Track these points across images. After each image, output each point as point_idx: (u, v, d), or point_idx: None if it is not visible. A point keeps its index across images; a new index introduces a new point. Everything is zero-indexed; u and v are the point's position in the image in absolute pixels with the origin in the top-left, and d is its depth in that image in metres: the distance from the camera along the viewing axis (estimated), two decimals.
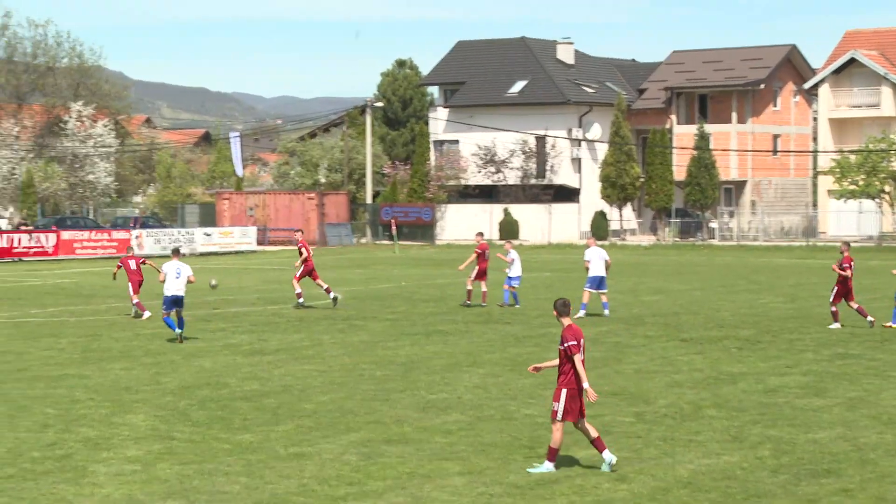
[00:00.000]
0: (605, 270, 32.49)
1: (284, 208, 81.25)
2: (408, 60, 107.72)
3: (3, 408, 18.32)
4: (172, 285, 26.57)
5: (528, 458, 15.02)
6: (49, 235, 62.49)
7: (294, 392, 19.94)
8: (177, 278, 26.64)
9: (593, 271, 32.30)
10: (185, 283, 26.80)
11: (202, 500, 13.09)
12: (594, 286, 32.35)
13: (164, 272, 26.79)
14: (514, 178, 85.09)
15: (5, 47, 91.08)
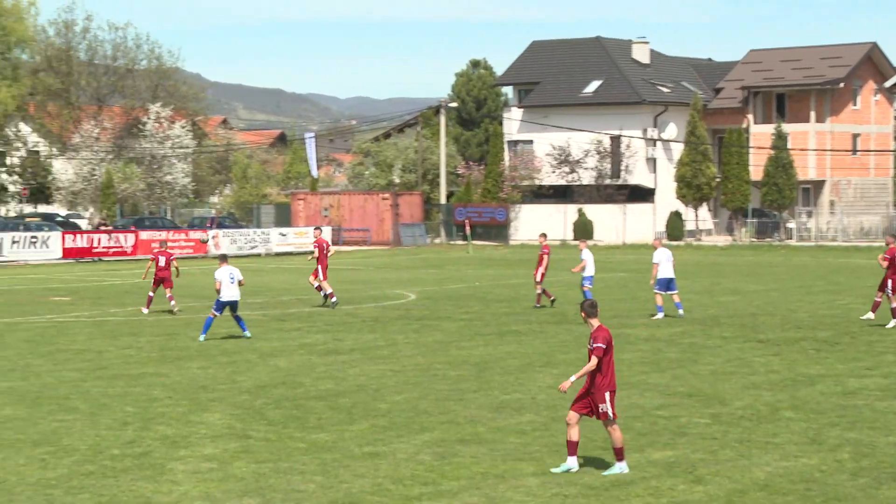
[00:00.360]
0: (673, 271, 32.22)
1: (359, 208, 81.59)
2: (482, 60, 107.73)
3: (85, 406, 18.58)
4: (228, 291, 26.90)
5: (603, 459, 14.94)
6: (128, 235, 63.29)
7: (368, 391, 20.01)
8: (231, 283, 26.97)
9: (662, 273, 32.01)
10: (238, 286, 27.15)
11: (277, 498, 13.17)
12: (664, 288, 32.09)
13: (220, 280, 26.96)
14: (589, 179, 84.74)
15: (86, 50, 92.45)
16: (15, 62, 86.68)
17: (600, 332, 14.37)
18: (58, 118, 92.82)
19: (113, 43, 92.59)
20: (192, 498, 13.13)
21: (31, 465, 14.61)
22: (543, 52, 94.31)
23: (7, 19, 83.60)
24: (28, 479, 13.89)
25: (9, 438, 16.09)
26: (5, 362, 23.37)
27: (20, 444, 15.73)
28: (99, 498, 13.11)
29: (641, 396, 19.53)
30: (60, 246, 59.77)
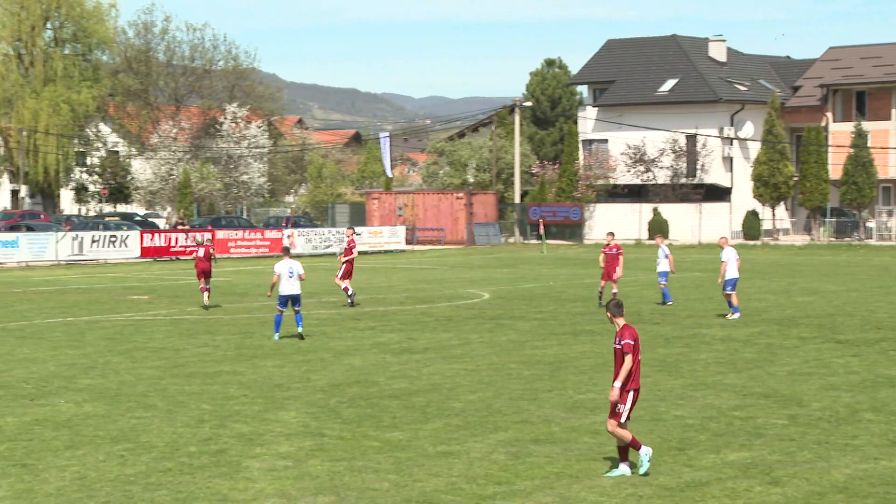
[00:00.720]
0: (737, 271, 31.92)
1: (433, 208, 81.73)
2: (557, 59, 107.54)
3: (162, 403, 18.79)
4: (287, 285, 26.64)
5: (678, 460, 14.83)
6: (204, 235, 63.91)
7: (442, 391, 20.03)
8: (290, 277, 26.66)
9: (731, 273, 31.69)
10: (298, 281, 26.83)
11: (352, 496, 13.23)
12: (734, 287, 31.80)
13: (277, 273, 26.73)
14: (664, 178, 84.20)
15: (165, 51, 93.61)
16: (95, 63, 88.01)
17: (627, 330, 14.22)
18: (137, 118, 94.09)
19: (191, 44, 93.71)
20: (267, 495, 13.22)
21: (110, 461, 14.81)
22: (619, 50, 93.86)
23: (88, 21, 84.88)
24: (107, 476, 14.08)
25: (89, 435, 16.32)
26: (85, 360, 23.71)
27: (100, 441, 15.94)
28: (176, 495, 13.24)
29: (717, 397, 19.37)
30: (139, 245, 60.53)
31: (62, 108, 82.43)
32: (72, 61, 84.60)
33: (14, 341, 26.70)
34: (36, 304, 36.30)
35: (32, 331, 28.91)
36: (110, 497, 13.13)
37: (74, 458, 14.91)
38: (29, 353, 24.62)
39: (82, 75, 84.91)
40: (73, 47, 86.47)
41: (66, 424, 17.04)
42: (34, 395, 19.45)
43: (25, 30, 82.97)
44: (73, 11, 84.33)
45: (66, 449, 15.46)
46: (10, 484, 13.65)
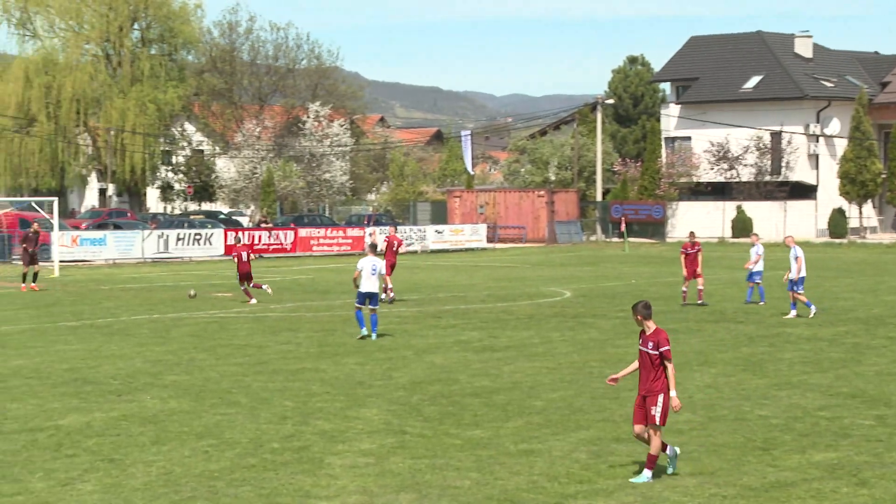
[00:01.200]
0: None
1: (514, 206, 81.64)
2: (639, 57, 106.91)
3: (246, 400, 18.96)
4: (368, 282, 26.32)
5: (762, 460, 14.68)
6: (287, 233, 64.44)
7: (524, 389, 20.00)
8: (372, 274, 26.32)
9: (803, 271, 31.27)
10: (378, 280, 26.52)
11: (434, 494, 13.25)
12: (801, 285, 31.37)
13: (360, 268, 26.46)
14: (748, 175, 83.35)
15: (249, 50, 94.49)
16: (181, 63, 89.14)
17: (662, 334, 13.85)
18: (221, 118, 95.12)
19: (274, 43, 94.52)
20: (349, 492, 13.29)
21: (195, 456, 14.98)
22: (702, 47, 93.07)
23: (175, 21, 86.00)
24: (193, 471, 14.24)
25: (174, 431, 16.52)
26: (171, 356, 24.00)
27: (185, 437, 16.13)
28: (260, 490, 13.36)
29: (803, 397, 19.13)
30: (223, 243, 61.16)
31: (149, 107, 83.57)
32: (158, 61, 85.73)
33: (102, 338, 27.12)
34: (123, 301, 36.83)
35: (119, 327, 29.34)
36: (195, 492, 13.28)
37: (160, 454, 15.11)
38: (116, 350, 24.98)
39: (168, 75, 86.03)
40: (159, 47, 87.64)
41: (153, 420, 17.26)
42: (121, 391, 19.74)
43: (113, 31, 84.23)
44: (159, 12, 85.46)
45: (153, 444, 15.66)
46: (99, 478, 13.86)
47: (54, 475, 14.00)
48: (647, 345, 13.88)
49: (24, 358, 23.76)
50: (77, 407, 18.31)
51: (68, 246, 55.41)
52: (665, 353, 13.78)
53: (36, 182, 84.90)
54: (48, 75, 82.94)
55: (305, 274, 49.89)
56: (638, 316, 13.97)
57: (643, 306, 14.01)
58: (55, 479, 13.80)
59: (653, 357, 13.84)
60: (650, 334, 13.90)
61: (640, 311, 13.97)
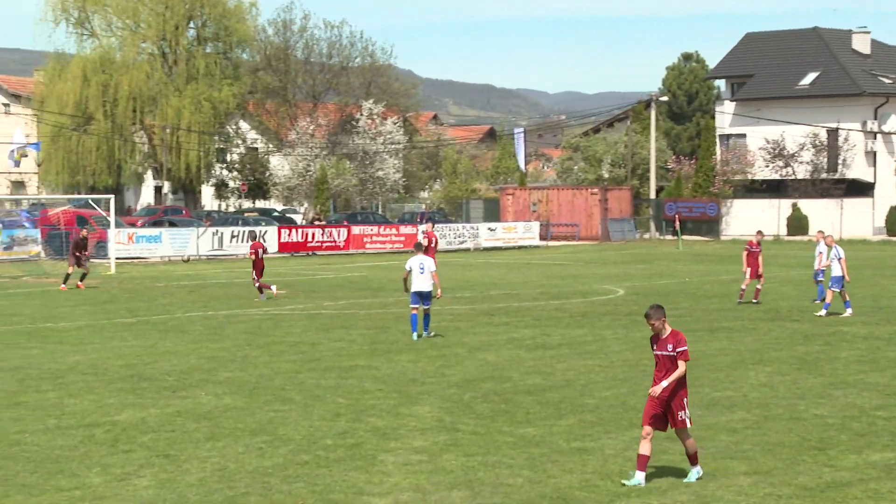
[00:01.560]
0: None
1: (567, 203, 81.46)
2: (694, 54, 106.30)
3: (299, 396, 19.04)
4: (418, 280, 25.92)
5: (818, 460, 14.55)
6: (340, 230, 64.66)
7: (576, 387, 19.95)
8: (421, 273, 25.95)
9: (836, 270, 30.96)
10: (429, 278, 26.10)
11: (486, 491, 13.25)
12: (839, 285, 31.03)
13: (409, 268, 26.08)
14: (804, 173, 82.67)
15: (303, 49, 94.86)
16: (236, 61, 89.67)
17: (680, 335, 13.48)
18: (275, 115, 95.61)
19: (328, 41, 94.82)
20: (402, 489, 13.32)
21: (249, 453, 15.06)
22: (758, 43, 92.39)
23: (230, 20, 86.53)
24: (246, 467, 14.32)
25: (228, 427, 16.62)
26: (225, 353, 24.16)
27: (239, 433, 16.23)
28: (313, 487, 13.41)
29: (859, 396, 18.95)
30: (276, 240, 61.48)
31: (204, 105, 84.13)
32: (213, 60, 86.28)
33: (157, 334, 27.35)
34: (177, 298, 37.12)
35: (174, 324, 29.57)
36: (249, 488, 13.36)
37: (215, 450, 15.21)
38: (171, 347, 25.18)
39: (223, 73, 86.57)
40: (214, 46, 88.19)
41: (207, 416, 17.38)
42: (176, 388, 19.89)
43: (170, 29, 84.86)
44: (215, 11, 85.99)
45: (207, 440, 15.77)
46: (154, 474, 13.98)
47: (111, 470, 14.14)
48: (667, 347, 13.47)
49: (81, 354, 24.02)
50: (133, 403, 18.48)
51: (124, 243, 55.92)
52: (682, 354, 13.39)
53: (93, 180, 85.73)
54: (105, 74, 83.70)
55: (358, 271, 50.04)
56: (653, 322, 13.50)
57: (657, 308, 13.59)
58: (111, 474, 13.94)
59: (668, 358, 13.45)
60: (667, 336, 13.50)
61: (652, 316, 13.51)
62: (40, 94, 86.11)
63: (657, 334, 13.54)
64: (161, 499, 12.94)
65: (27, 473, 14.02)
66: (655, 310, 13.50)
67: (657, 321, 13.44)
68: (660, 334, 13.52)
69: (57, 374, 21.31)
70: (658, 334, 13.53)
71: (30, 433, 16.25)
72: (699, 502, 12.80)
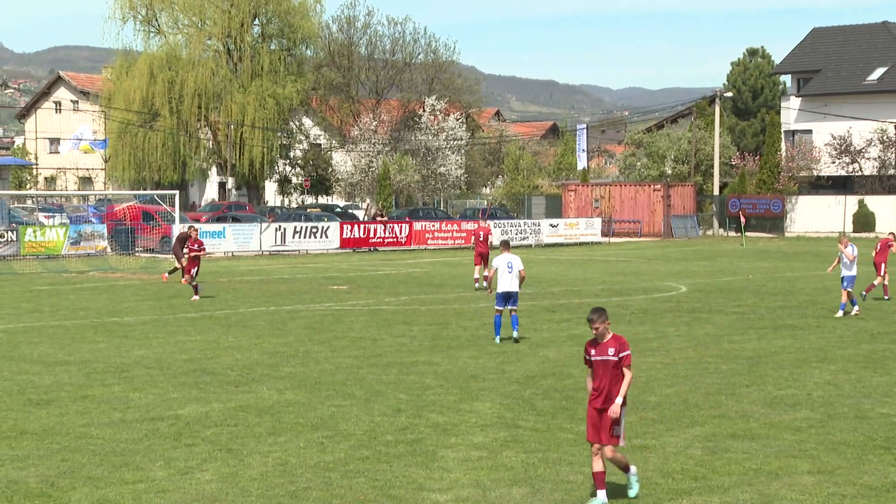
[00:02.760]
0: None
1: (630, 200, 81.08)
2: (759, 49, 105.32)
3: (360, 392, 19.12)
4: (505, 280, 24.67)
5: (884, 459, 14.38)
6: (402, 226, 64.80)
7: (638, 384, 19.85)
8: (508, 272, 24.65)
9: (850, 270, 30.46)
10: (517, 277, 24.77)
11: (547, 488, 13.23)
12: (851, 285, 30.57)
13: (495, 267, 24.96)
14: (871, 169, 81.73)
15: (366, 45, 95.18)
16: (300, 58, 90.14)
17: (622, 340, 12.77)
18: (338, 112, 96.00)
19: (392, 38, 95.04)
20: (462, 485, 13.33)
21: (310, 448, 15.15)
22: (825, 38, 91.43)
23: (294, 17, 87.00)
24: (308, 462, 14.41)
25: (290, 422, 16.72)
26: (287, 348, 24.30)
27: (300, 428, 16.32)
28: (374, 482, 13.46)
29: None
30: (339, 236, 61.73)
31: (268, 101, 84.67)
32: (278, 56, 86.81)
33: (220, 329, 27.56)
34: (241, 293, 37.39)
35: (237, 319, 29.80)
36: (310, 483, 13.43)
37: (276, 445, 15.31)
38: (234, 341, 25.37)
39: (287, 70, 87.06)
40: (279, 42, 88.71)
41: (269, 411, 17.50)
42: (238, 382, 20.04)
43: (235, 26, 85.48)
44: (279, 7, 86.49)
45: (269, 435, 15.87)
46: (217, 468, 14.10)
47: (174, 464, 14.28)
48: (607, 351, 12.69)
49: (146, 348, 24.27)
50: (196, 397, 18.64)
51: None
52: (624, 359, 12.67)
53: (158, 176, 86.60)
54: (171, 71, 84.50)
55: (420, 267, 50.13)
56: (597, 325, 12.64)
57: (599, 313, 12.71)
58: (175, 468, 14.08)
59: (616, 365, 12.69)
60: (609, 341, 12.72)
61: (595, 319, 12.67)
62: (108, 90, 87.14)
63: (596, 339, 12.78)
64: (223, 493, 13.05)
65: (93, 466, 14.20)
66: (598, 313, 12.71)
67: (600, 325, 12.67)
68: (600, 339, 12.77)
69: (122, 368, 21.55)
70: (598, 339, 12.78)
71: (95, 426, 16.45)
72: (762, 501, 12.70)
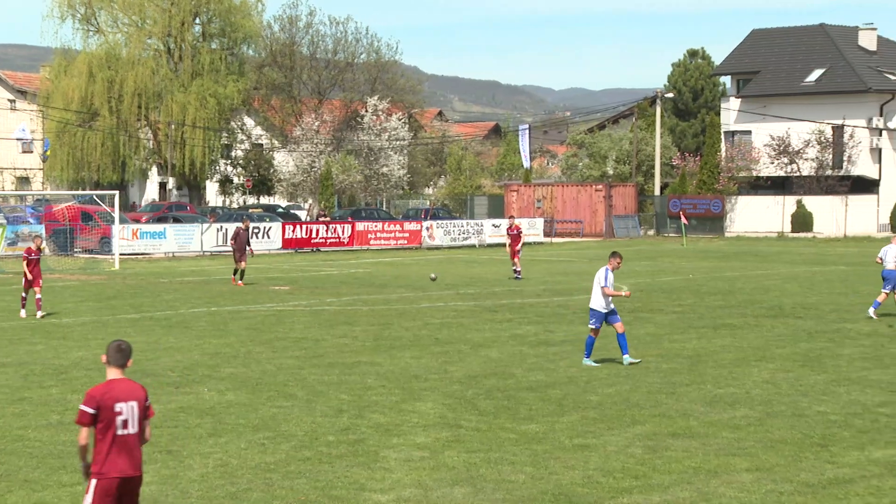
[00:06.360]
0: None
1: (572, 200, 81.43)
2: (700, 50, 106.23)
3: (302, 393, 19.06)
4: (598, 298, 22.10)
5: (820, 457, 14.54)
6: (345, 226, 64.65)
7: (579, 383, 19.95)
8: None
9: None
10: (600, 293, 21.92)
11: (488, 488, 13.26)
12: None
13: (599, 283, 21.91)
14: (809, 170, 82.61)
15: (308, 45, 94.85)
16: (241, 58, 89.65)
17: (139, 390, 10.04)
18: (280, 112, 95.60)
19: (334, 37, 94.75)
20: (404, 485, 13.33)
21: (251, 449, 15.08)
22: (763, 40, 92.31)
23: (235, 16, 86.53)
24: (249, 463, 14.34)
25: (231, 423, 16.64)
26: (228, 349, 24.17)
27: (241, 429, 16.24)
28: (315, 483, 13.43)
29: (862, 393, 18.94)
30: (281, 236, 61.47)
31: (209, 101, 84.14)
32: (219, 55, 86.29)
33: (160, 330, 27.37)
34: (181, 294, 37.14)
35: (178, 320, 29.60)
36: (251, 484, 13.37)
37: (217, 446, 15.22)
38: (174, 342, 25.20)
39: (228, 69, 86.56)
40: (220, 42, 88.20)
41: (210, 412, 17.40)
42: (179, 384, 19.91)
43: (175, 25, 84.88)
44: (220, 7, 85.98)
45: (209, 436, 15.78)
46: (157, 469, 14.00)
47: None
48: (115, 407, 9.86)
49: (85, 350, 24.04)
50: None
51: (128, 239, 55.94)
52: (80, 416, 9.85)
53: (98, 175, 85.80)
54: (111, 70, 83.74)
55: (362, 268, 50.05)
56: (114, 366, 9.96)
57: (116, 349, 10.01)
58: None
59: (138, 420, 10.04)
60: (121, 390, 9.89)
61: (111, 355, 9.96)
62: (46, 90, 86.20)
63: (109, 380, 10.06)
64: (163, 495, 12.96)
65: (30, 469, 14.05)
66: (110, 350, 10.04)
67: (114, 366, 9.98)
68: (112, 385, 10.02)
69: (60, 370, 21.33)
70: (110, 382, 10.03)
71: (33, 429, 16.28)
72: (701, 499, 12.80)
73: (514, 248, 43.20)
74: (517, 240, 43.47)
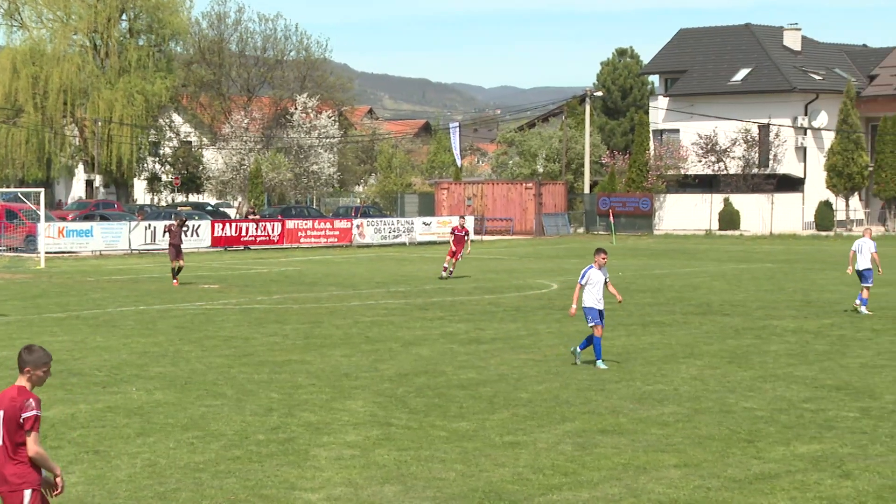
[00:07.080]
0: None
1: (502, 198, 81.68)
2: (628, 49, 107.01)
3: (232, 391, 18.94)
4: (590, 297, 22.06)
5: (747, 452, 14.70)
6: (275, 224, 64.36)
7: (510, 381, 20.01)
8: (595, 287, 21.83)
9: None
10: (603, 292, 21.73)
11: (419, 485, 13.25)
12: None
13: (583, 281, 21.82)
14: (736, 168, 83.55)
15: (237, 42, 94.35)
16: (169, 54, 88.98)
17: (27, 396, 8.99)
18: (209, 109, 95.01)
19: (263, 34, 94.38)
20: (334, 484, 13.29)
21: (180, 448, 14.96)
22: (691, 40, 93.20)
23: (163, 12, 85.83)
24: (178, 463, 14.22)
25: (159, 422, 16.50)
26: (157, 348, 23.96)
27: (170, 428, 16.11)
28: (245, 482, 13.35)
29: (788, 389, 19.18)
30: (210, 235, 61.07)
31: (136, 98, 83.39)
32: (146, 52, 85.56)
33: (87, 329, 27.07)
34: (109, 292, 36.76)
35: (105, 319, 29.29)
36: (180, 484, 13.26)
37: (145, 446, 15.09)
38: (102, 342, 24.94)
39: (156, 66, 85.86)
40: (147, 38, 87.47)
41: (138, 412, 17.24)
42: (106, 383, 19.70)
43: (101, 21, 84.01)
44: (147, 3, 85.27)
45: (138, 436, 15.64)
46: (83, 470, 13.84)
47: None
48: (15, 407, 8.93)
49: (10, 349, 23.69)
50: (62, 398, 18.27)
51: (54, 237, 55.28)
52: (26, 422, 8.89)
53: (22, 173, 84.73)
54: (35, 66, 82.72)
55: (293, 266, 49.85)
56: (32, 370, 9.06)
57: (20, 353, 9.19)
58: None
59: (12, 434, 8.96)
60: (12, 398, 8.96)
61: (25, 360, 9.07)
62: None
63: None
64: (90, 495, 12.81)
65: None
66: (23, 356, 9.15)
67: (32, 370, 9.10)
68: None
69: None
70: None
71: None
72: (630, 495, 12.89)
73: (458, 251, 41.70)
74: (461, 243, 41.96)
